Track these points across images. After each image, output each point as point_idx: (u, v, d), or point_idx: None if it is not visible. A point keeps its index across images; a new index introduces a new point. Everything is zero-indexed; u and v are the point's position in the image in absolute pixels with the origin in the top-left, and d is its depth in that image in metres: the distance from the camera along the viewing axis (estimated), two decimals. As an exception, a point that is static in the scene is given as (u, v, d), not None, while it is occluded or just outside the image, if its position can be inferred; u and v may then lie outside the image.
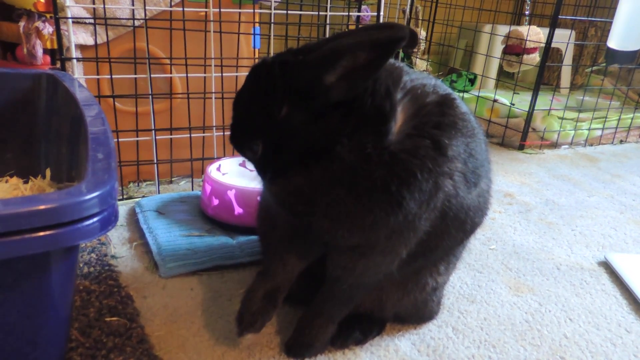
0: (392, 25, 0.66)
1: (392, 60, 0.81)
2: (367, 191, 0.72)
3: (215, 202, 1.27)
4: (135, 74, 1.38)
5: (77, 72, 1.33)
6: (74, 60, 1.31)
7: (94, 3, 1.31)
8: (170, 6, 1.41)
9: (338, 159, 0.72)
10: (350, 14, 1.81)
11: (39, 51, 1.37)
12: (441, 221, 0.79)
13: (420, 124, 0.74)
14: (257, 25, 1.58)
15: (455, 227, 0.82)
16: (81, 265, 1.08)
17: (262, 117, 0.73)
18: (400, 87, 0.76)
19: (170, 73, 1.48)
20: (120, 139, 1.40)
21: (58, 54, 1.30)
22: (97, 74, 1.38)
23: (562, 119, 2.34)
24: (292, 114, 0.71)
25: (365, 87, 0.71)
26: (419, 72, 0.85)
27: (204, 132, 1.53)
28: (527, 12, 2.91)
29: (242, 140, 0.78)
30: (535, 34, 2.37)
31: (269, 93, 0.72)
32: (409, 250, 0.80)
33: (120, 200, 1.41)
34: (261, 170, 0.79)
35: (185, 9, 1.40)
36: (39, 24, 1.36)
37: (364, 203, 0.73)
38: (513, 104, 2.40)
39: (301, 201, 0.76)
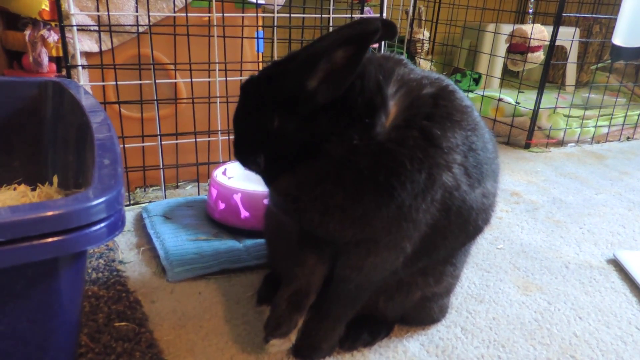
0: (363, 20, 0.67)
1: (387, 54, 0.81)
2: (354, 182, 0.72)
3: (222, 206, 1.28)
4: (140, 80, 1.39)
5: (83, 79, 1.34)
6: (80, 68, 1.32)
7: (98, 10, 1.32)
8: (174, 12, 1.42)
9: (324, 156, 0.73)
10: (353, 15, 1.81)
11: (45, 59, 1.39)
12: (444, 217, 0.77)
13: (411, 115, 0.73)
14: (260, 29, 1.58)
15: (457, 224, 0.80)
16: (89, 271, 1.08)
17: (258, 132, 0.76)
18: (393, 80, 0.75)
19: (175, 78, 1.49)
20: (126, 145, 1.41)
21: (63, 62, 1.31)
22: (103, 81, 1.39)
23: (568, 116, 2.33)
24: (284, 124, 0.73)
25: (354, 85, 0.71)
26: (418, 67, 0.84)
27: (209, 137, 1.54)
28: (530, 11, 2.90)
29: (245, 156, 0.80)
30: (539, 32, 2.36)
31: (259, 108, 0.75)
32: (413, 246, 0.79)
33: (127, 205, 1.42)
34: (266, 179, 0.82)
35: (188, 14, 1.41)
36: (44, 32, 1.37)
37: (352, 194, 0.73)
38: (518, 103, 2.39)
39: (289, 199, 0.78)
